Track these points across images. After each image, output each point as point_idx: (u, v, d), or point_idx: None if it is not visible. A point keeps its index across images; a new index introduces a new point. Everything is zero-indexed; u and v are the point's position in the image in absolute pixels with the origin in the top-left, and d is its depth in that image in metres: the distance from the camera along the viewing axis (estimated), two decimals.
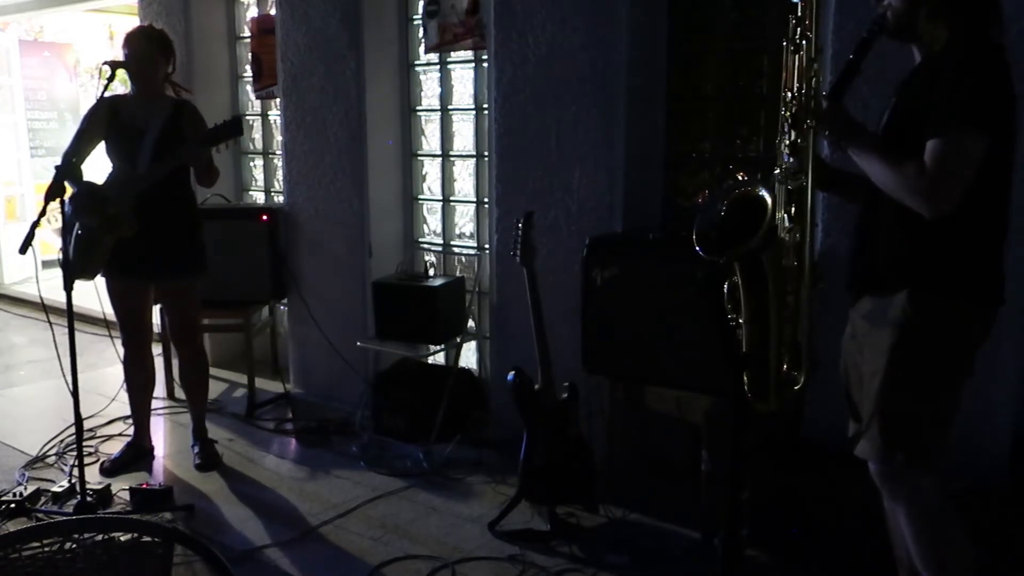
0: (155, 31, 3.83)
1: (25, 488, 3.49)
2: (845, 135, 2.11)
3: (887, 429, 2.12)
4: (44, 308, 3.62)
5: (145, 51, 3.63)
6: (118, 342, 3.89)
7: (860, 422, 2.23)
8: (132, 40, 3.65)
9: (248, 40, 5.35)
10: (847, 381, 2.32)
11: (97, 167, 3.76)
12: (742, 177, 2.16)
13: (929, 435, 2.12)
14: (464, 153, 4.56)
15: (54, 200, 3.35)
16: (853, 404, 2.28)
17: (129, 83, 3.75)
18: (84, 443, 3.44)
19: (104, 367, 5.22)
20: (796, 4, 2.16)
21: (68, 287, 3.24)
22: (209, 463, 3.88)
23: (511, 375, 3.28)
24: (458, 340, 4.19)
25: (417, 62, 4.64)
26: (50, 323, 3.57)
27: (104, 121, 3.60)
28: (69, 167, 3.37)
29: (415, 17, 4.59)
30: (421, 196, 4.77)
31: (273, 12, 4.92)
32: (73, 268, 3.33)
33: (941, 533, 2.15)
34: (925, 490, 2.14)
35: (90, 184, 3.59)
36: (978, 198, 2.00)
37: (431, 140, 4.69)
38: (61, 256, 3.41)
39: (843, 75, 2.11)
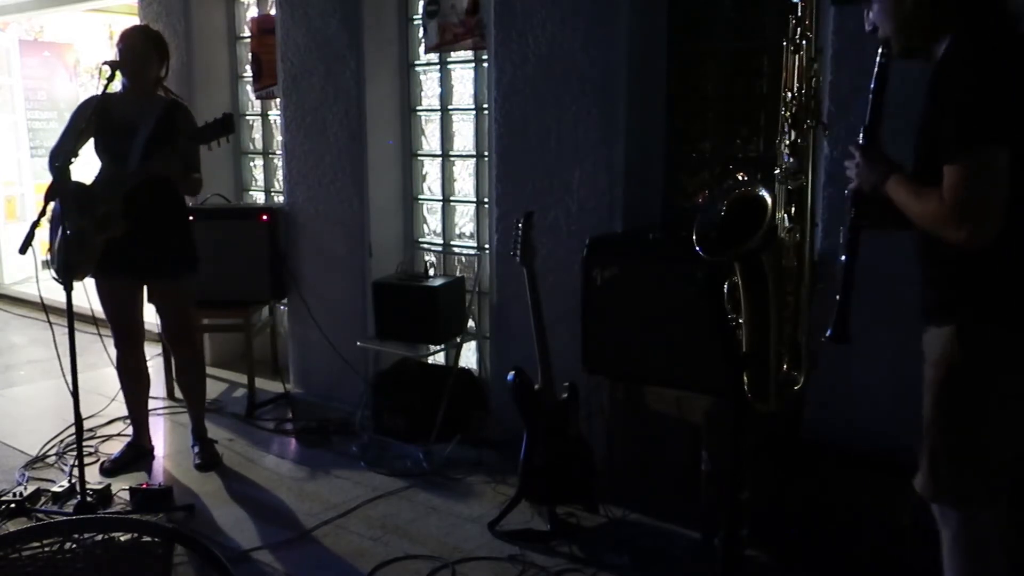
0: (151, 30, 3.84)
1: (25, 488, 3.49)
2: (879, 180, 1.99)
3: (935, 469, 2.02)
4: (44, 308, 3.61)
5: (141, 47, 3.62)
6: (109, 342, 3.88)
7: None
8: (128, 36, 3.64)
9: (248, 40, 5.34)
10: None
11: (89, 166, 3.75)
12: (742, 177, 2.15)
13: (978, 475, 1.99)
14: (464, 153, 4.56)
15: (54, 200, 3.35)
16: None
17: (122, 81, 3.71)
18: (84, 443, 3.44)
19: (104, 367, 5.19)
20: (796, 4, 2.15)
21: (67, 287, 3.24)
22: (209, 463, 3.88)
23: (511, 375, 3.28)
24: (458, 340, 4.19)
25: (417, 62, 4.64)
26: (50, 323, 3.57)
27: (95, 118, 3.55)
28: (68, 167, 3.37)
29: (415, 17, 4.59)
30: (421, 196, 4.77)
31: (273, 12, 4.92)
32: (69, 268, 3.32)
33: (975, 570, 2.04)
34: (973, 529, 2.01)
35: (79, 184, 3.58)
36: (1016, 215, 1.83)
37: (431, 140, 4.69)
38: (48, 256, 3.40)
39: (871, 119, 2.02)
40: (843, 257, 2.03)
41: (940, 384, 1.97)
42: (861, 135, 2.05)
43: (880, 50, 2.02)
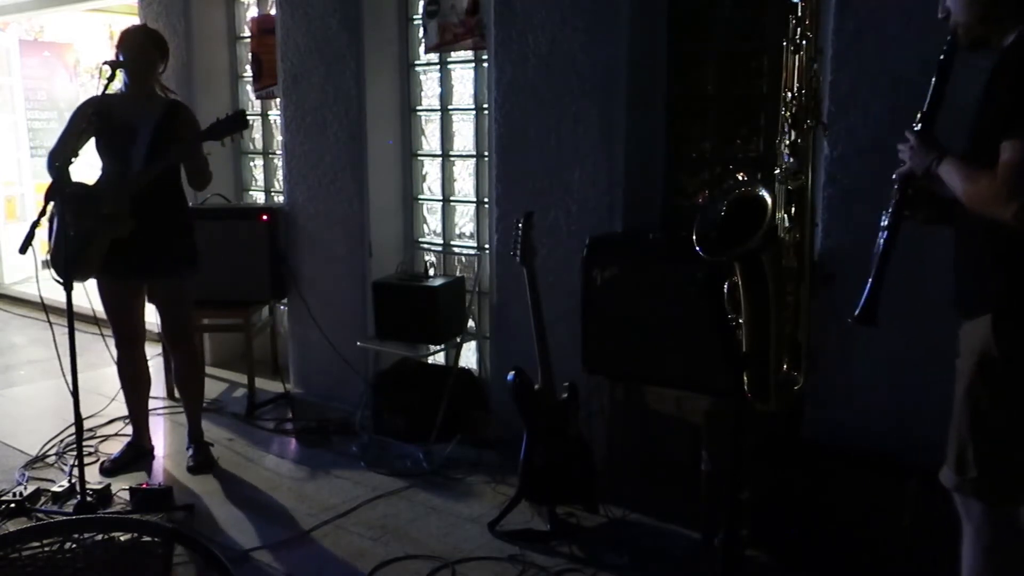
0: (151, 29, 3.84)
1: (25, 488, 3.49)
2: (931, 162, 1.99)
3: (961, 459, 2.02)
4: (44, 308, 3.61)
5: (142, 47, 3.61)
6: (111, 342, 3.89)
7: None
8: (129, 36, 3.64)
9: (248, 40, 5.34)
10: None
11: (89, 166, 3.75)
12: (742, 177, 2.14)
13: (1005, 468, 2.00)
14: (464, 153, 4.56)
15: (54, 200, 3.35)
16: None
17: (123, 81, 3.72)
18: (84, 443, 3.44)
19: (104, 367, 5.20)
20: (796, 4, 2.16)
21: (68, 287, 3.24)
22: (202, 466, 3.87)
23: (511, 375, 3.28)
24: (458, 340, 4.19)
25: (417, 62, 4.64)
26: (50, 323, 3.57)
27: (95, 119, 3.55)
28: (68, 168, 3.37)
29: (415, 17, 4.59)
30: (421, 196, 4.77)
31: (273, 12, 4.92)
32: (67, 269, 3.32)
33: (994, 567, 2.04)
34: (997, 523, 2.03)
35: (83, 185, 3.58)
36: None
37: (431, 140, 4.69)
38: (49, 256, 3.40)
39: (930, 105, 2.02)
40: (881, 239, 2.02)
41: (971, 374, 1.98)
42: (918, 120, 2.04)
43: (948, 38, 2.01)
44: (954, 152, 2.00)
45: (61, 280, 3.32)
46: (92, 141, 3.65)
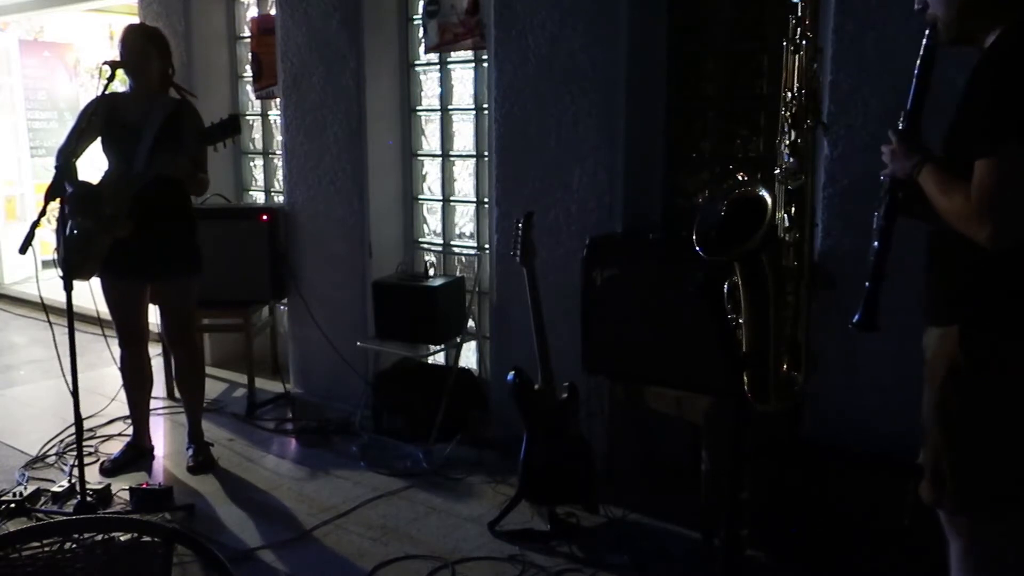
0: (149, 28, 3.84)
1: (25, 488, 3.49)
2: (913, 168, 1.93)
3: (937, 473, 1.95)
4: (44, 308, 3.61)
5: (140, 45, 3.61)
6: (113, 342, 3.89)
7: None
8: (127, 35, 3.64)
9: (248, 40, 5.35)
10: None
11: (93, 166, 3.75)
12: (742, 177, 2.14)
13: (984, 482, 1.92)
14: (464, 153, 4.56)
15: (54, 200, 3.35)
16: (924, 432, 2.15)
17: (128, 82, 3.73)
18: (84, 443, 3.44)
19: (104, 367, 5.21)
20: (796, 4, 2.15)
21: (68, 287, 3.24)
22: (202, 466, 3.87)
23: (511, 375, 3.28)
24: (458, 340, 4.19)
25: (417, 62, 4.64)
26: (50, 323, 3.57)
27: (101, 119, 3.56)
28: (69, 166, 3.37)
29: (415, 17, 4.59)
30: (421, 196, 4.77)
31: (273, 12, 4.92)
32: (70, 268, 3.32)
33: None
34: (986, 540, 1.95)
35: (86, 184, 3.58)
36: None
37: (431, 140, 4.69)
38: (56, 256, 3.41)
39: (913, 103, 1.97)
40: (875, 243, 2.00)
41: (943, 385, 1.93)
42: (901, 119, 2.00)
43: (927, 32, 1.96)
44: (936, 154, 1.96)
45: (69, 280, 3.32)
46: (99, 141, 3.66)
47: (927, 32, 1.97)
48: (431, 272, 4.31)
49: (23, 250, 3.22)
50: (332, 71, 4.56)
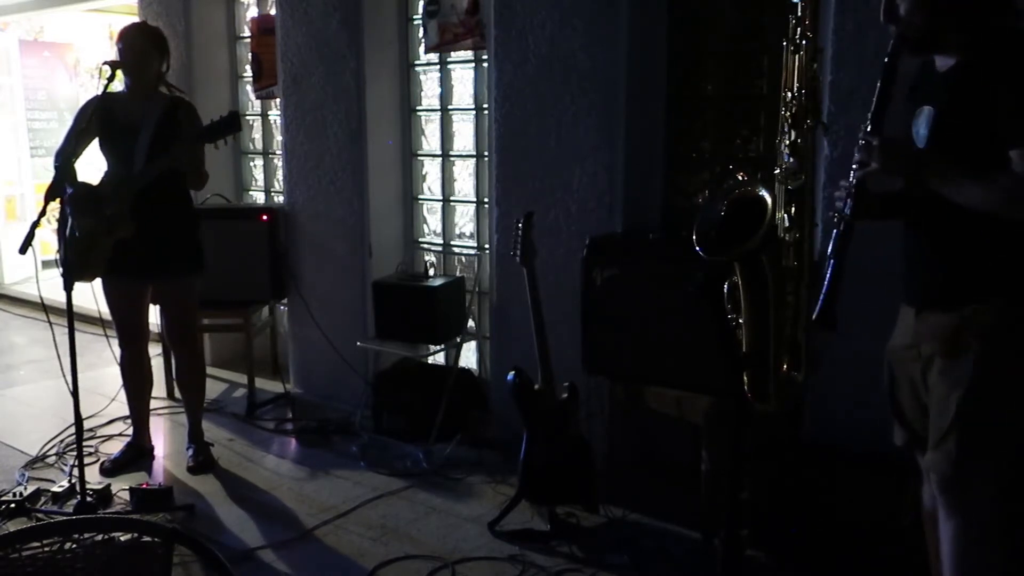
0: (149, 27, 3.84)
1: (25, 488, 3.49)
2: (919, 167, 2.01)
3: (965, 441, 2.03)
4: (44, 308, 3.61)
5: (141, 45, 3.61)
6: (114, 342, 3.89)
7: (912, 431, 2.20)
8: (127, 35, 3.63)
9: (248, 40, 5.34)
10: (894, 389, 2.25)
11: (92, 166, 3.75)
12: (742, 177, 2.14)
13: (1010, 449, 2.03)
14: (464, 153, 4.56)
15: (54, 200, 3.34)
16: (901, 411, 2.23)
17: (124, 81, 3.72)
18: (84, 443, 3.44)
19: (104, 367, 5.21)
20: (796, 4, 2.15)
21: (68, 287, 3.24)
22: (203, 466, 3.86)
23: (511, 375, 3.28)
24: (458, 340, 4.19)
25: (417, 62, 4.64)
26: (50, 323, 3.56)
27: (98, 119, 3.55)
28: (68, 167, 3.37)
29: (415, 17, 4.59)
30: (421, 196, 4.77)
31: (273, 12, 4.92)
32: (72, 270, 3.32)
33: (983, 559, 2.06)
34: (987, 505, 2.05)
35: (86, 185, 3.58)
36: None
37: (431, 140, 4.69)
38: (58, 257, 3.40)
39: (877, 107, 2.03)
40: (832, 244, 2.03)
41: (982, 358, 1.99)
42: (868, 121, 2.04)
43: (891, 47, 2.03)
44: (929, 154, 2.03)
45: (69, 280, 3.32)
46: (96, 141, 3.65)
47: (891, 43, 2.03)
48: (431, 272, 4.31)
49: (23, 250, 3.22)
50: (332, 71, 4.56)
